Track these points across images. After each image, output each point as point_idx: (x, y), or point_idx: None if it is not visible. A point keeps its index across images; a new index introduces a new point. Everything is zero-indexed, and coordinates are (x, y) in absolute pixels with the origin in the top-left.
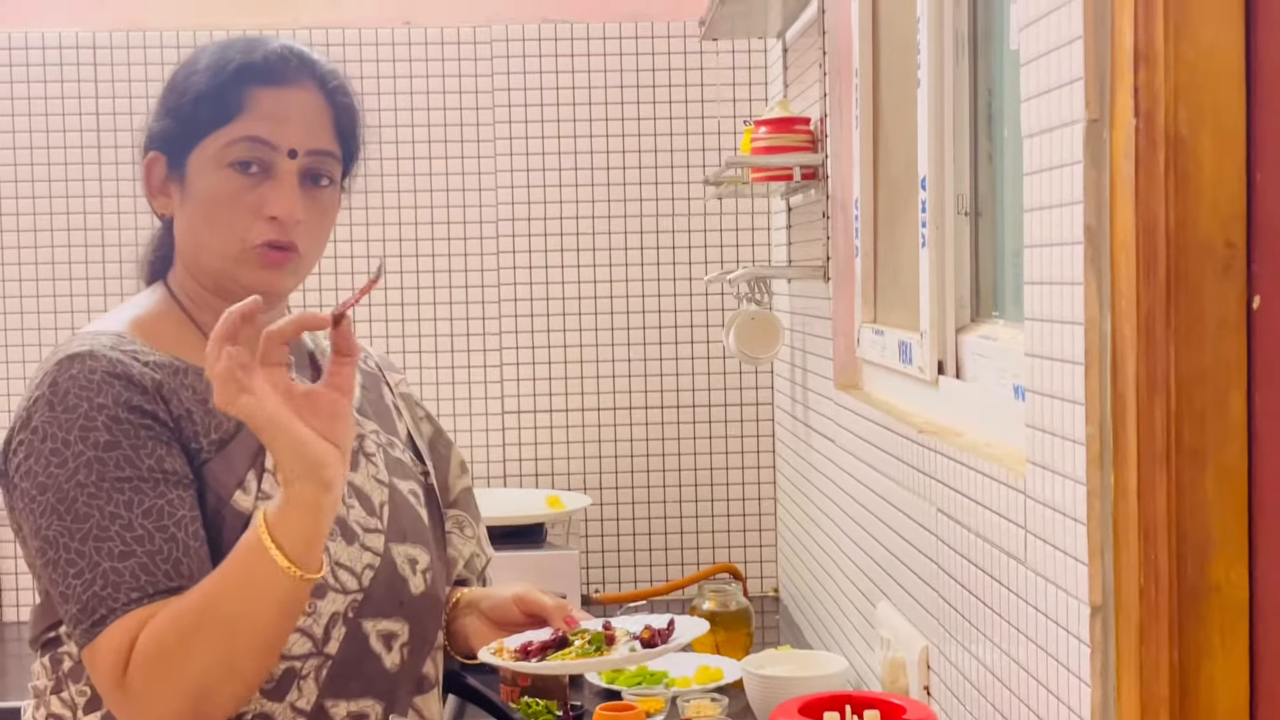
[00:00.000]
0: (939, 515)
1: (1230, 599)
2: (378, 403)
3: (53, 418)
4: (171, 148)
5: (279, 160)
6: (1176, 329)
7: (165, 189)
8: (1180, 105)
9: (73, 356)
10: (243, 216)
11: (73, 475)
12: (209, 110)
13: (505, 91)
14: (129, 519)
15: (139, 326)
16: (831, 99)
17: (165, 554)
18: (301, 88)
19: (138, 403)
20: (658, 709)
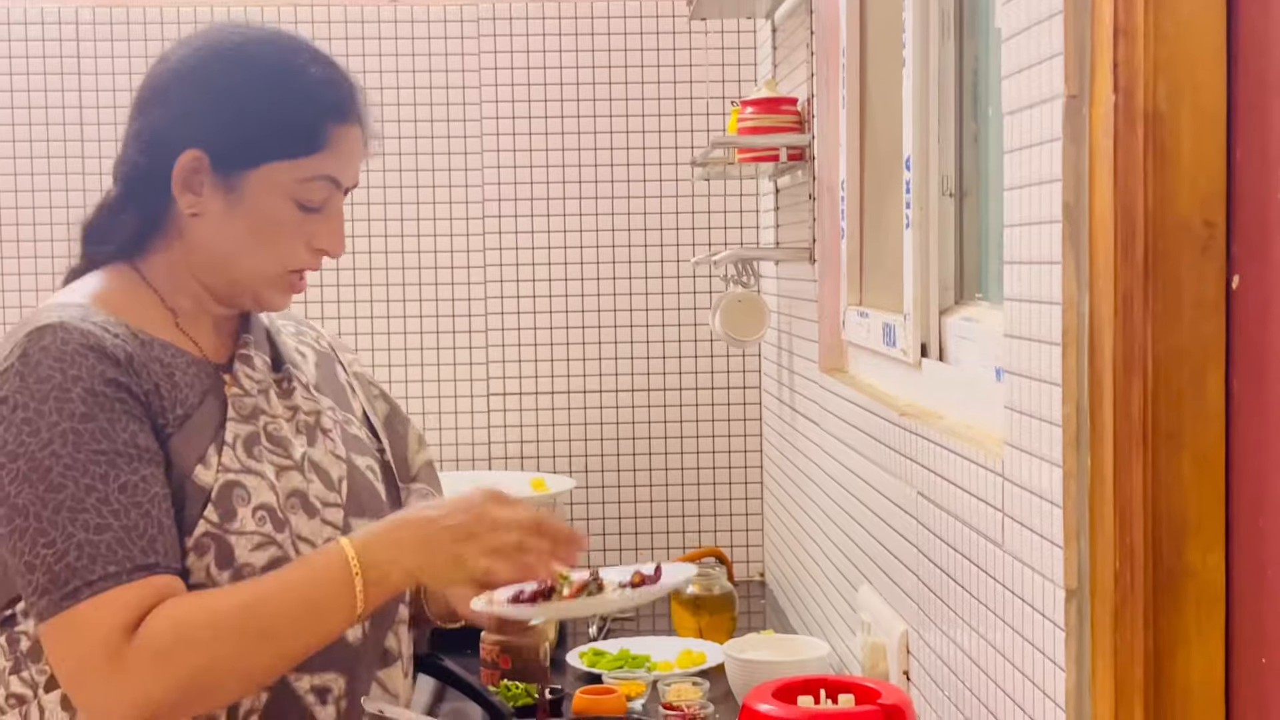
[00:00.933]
0: (919, 499)
1: (1206, 583)
2: (332, 381)
3: (24, 388)
4: (226, 155)
5: (336, 197)
6: (1154, 309)
7: (197, 188)
8: (1160, 81)
9: (43, 328)
10: (292, 245)
11: (47, 445)
12: (289, 139)
13: (492, 70)
14: (105, 492)
15: (102, 300)
16: (819, 79)
17: (140, 530)
18: (358, 127)
19: (112, 375)
20: (639, 692)
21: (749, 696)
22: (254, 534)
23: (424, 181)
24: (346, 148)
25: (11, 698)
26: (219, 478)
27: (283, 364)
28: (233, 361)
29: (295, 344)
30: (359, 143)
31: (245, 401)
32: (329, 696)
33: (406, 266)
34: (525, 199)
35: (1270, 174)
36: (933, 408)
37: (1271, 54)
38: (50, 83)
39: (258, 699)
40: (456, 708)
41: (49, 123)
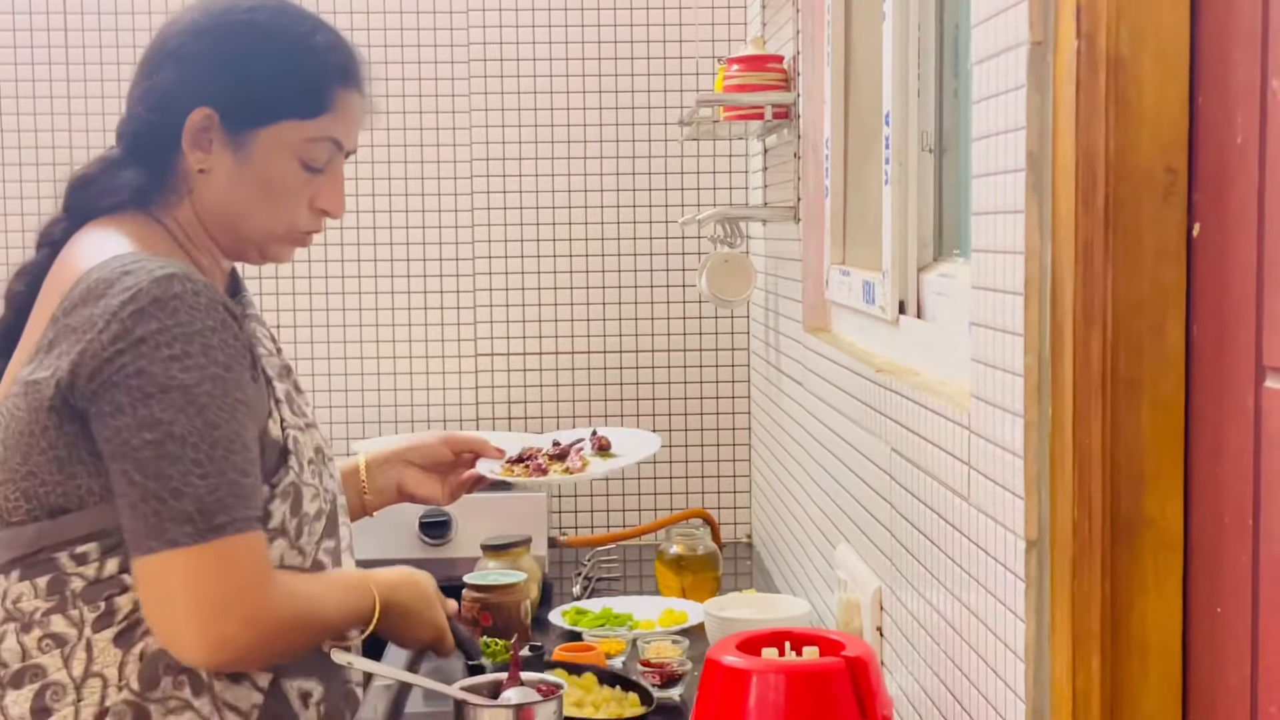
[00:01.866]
0: (893, 455)
1: (1164, 533)
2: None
3: (164, 329)
4: (236, 113)
5: (338, 159)
6: (1114, 257)
7: (207, 145)
8: (1122, 25)
9: (170, 276)
10: (296, 203)
11: (200, 383)
12: (298, 100)
13: (480, 29)
14: (246, 440)
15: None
16: (804, 37)
17: (259, 483)
18: (360, 91)
19: (235, 331)
20: (619, 650)
21: (713, 649)
22: (310, 485)
23: (411, 140)
24: (350, 111)
25: (48, 639)
26: (286, 432)
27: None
28: (244, 320)
29: None
30: (361, 108)
31: (274, 361)
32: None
33: (394, 226)
34: (513, 159)
35: (1231, 120)
36: (910, 364)
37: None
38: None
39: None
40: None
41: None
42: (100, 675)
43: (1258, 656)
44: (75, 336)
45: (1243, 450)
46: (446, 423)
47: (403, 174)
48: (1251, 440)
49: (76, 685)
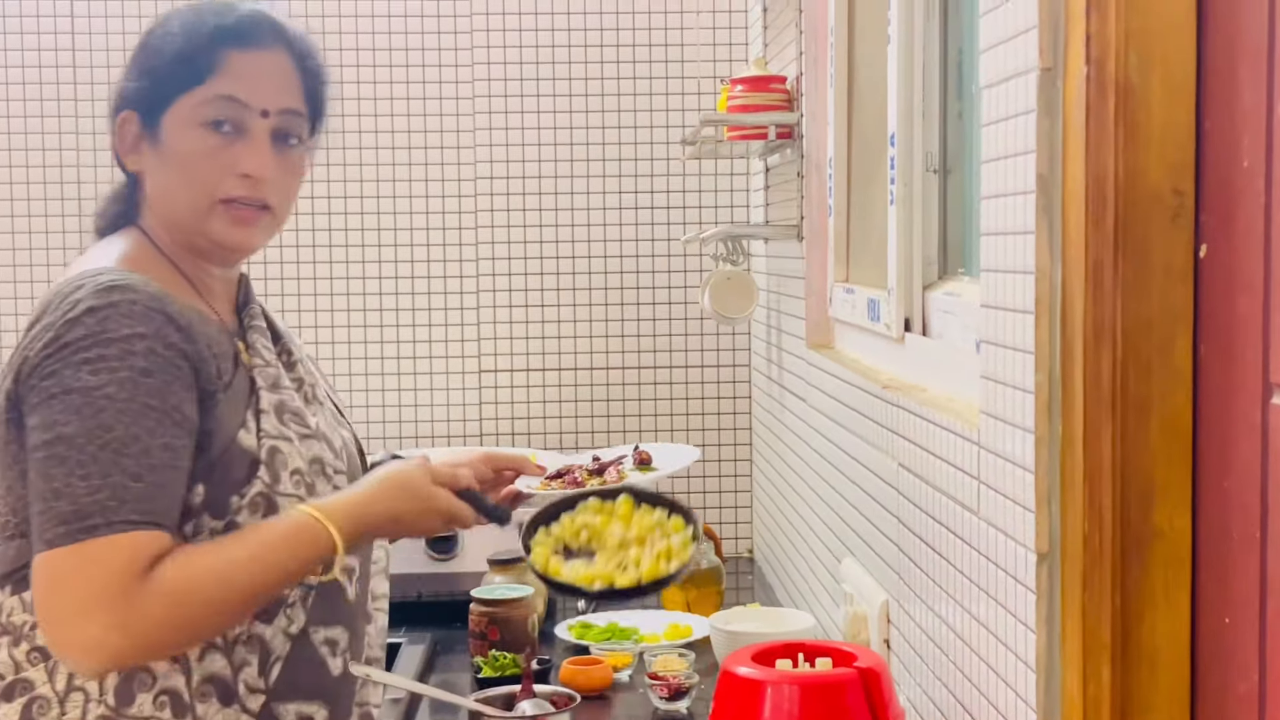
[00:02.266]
0: (900, 470)
1: (1173, 545)
2: (305, 361)
3: (89, 335)
4: (145, 107)
5: (251, 119)
6: (1124, 277)
7: (137, 147)
8: (1131, 52)
9: (111, 286)
10: (215, 173)
11: (103, 386)
12: (184, 70)
13: (485, 49)
14: (149, 445)
15: (134, 265)
16: (807, 58)
17: (167, 490)
18: (273, 50)
19: (174, 340)
20: (626, 663)
21: (728, 660)
22: (292, 496)
23: (416, 159)
24: (250, 69)
25: (35, 652)
26: (262, 443)
27: (281, 337)
28: (245, 331)
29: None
30: (273, 64)
31: (268, 371)
32: (337, 649)
33: (399, 244)
34: (517, 177)
35: (1238, 143)
36: (915, 381)
37: (1239, 25)
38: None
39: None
40: (445, 679)
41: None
42: (82, 689)
43: (1265, 666)
44: (21, 349)
45: (1250, 465)
46: (450, 439)
47: (407, 191)
48: (1259, 455)
49: (60, 699)
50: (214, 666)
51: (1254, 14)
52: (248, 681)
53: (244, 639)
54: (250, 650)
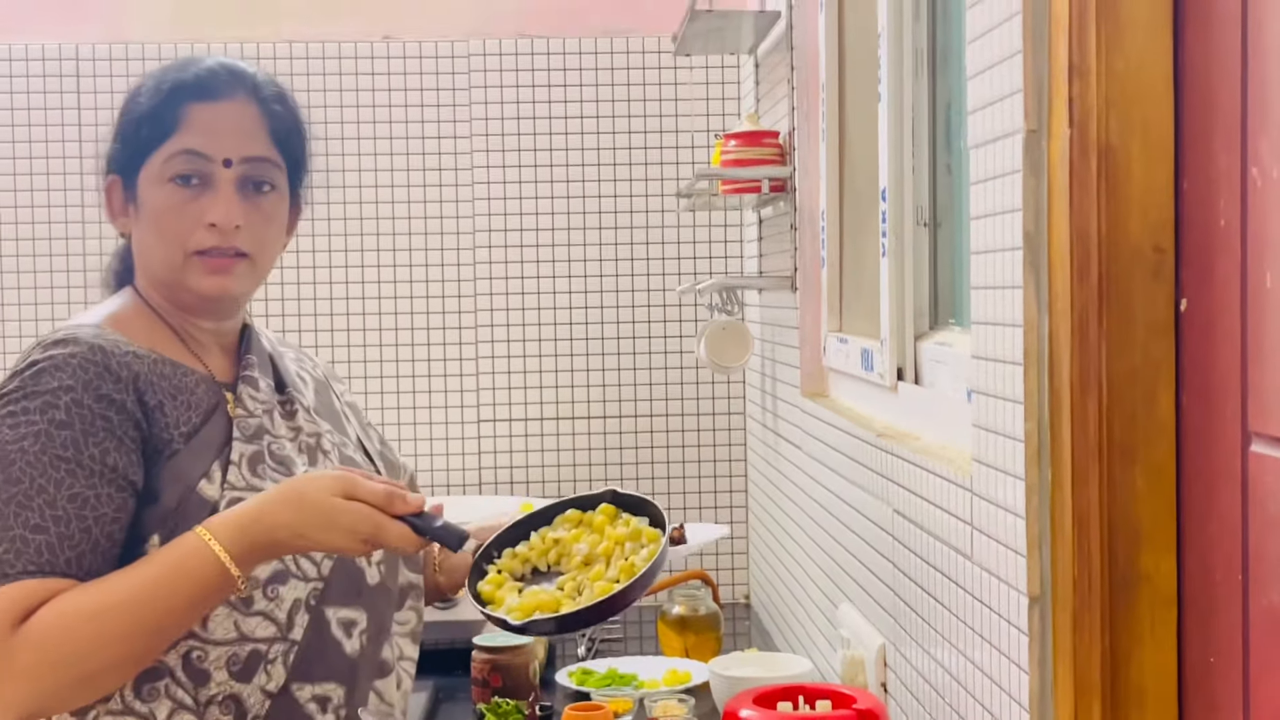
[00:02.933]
0: (895, 516)
1: (1159, 588)
2: (329, 406)
3: (20, 388)
4: (124, 169)
5: (216, 170)
6: (1108, 330)
7: (124, 209)
8: (1111, 116)
9: (56, 340)
10: (184, 226)
11: (19, 440)
12: (150, 129)
13: (483, 104)
14: (54, 496)
15: (115, 321)
16: (799, 113)
17: (74, 541)
18: (234, 100)
19: (106, 391)
20: (626, 709)
21: (730, 703)
22: None
23: (415, 212)
24: (211, 121)
25: None
26: (225, 494)
27: (286, 387)
28: (237, 382)
29: (296, 369)
30: (235, 114)
31: (250, 422)
32: (329, 705)
33: (399, 295)
34: (515, 229)
35: (1215, 202)
36: (908, 429)
37: (1214, 93)
38: (51, 118)
39: (261, 706)
40: None
41: (49, 155)
42: None
43: (1249, 704)
44: None
45: (1231, 510)
46: (450, 487)
47: (407, 245)
48: (1239, 500)
49: None
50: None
51: (1227, 82)
52: None
53: (218, 699)
54: (224, 711)
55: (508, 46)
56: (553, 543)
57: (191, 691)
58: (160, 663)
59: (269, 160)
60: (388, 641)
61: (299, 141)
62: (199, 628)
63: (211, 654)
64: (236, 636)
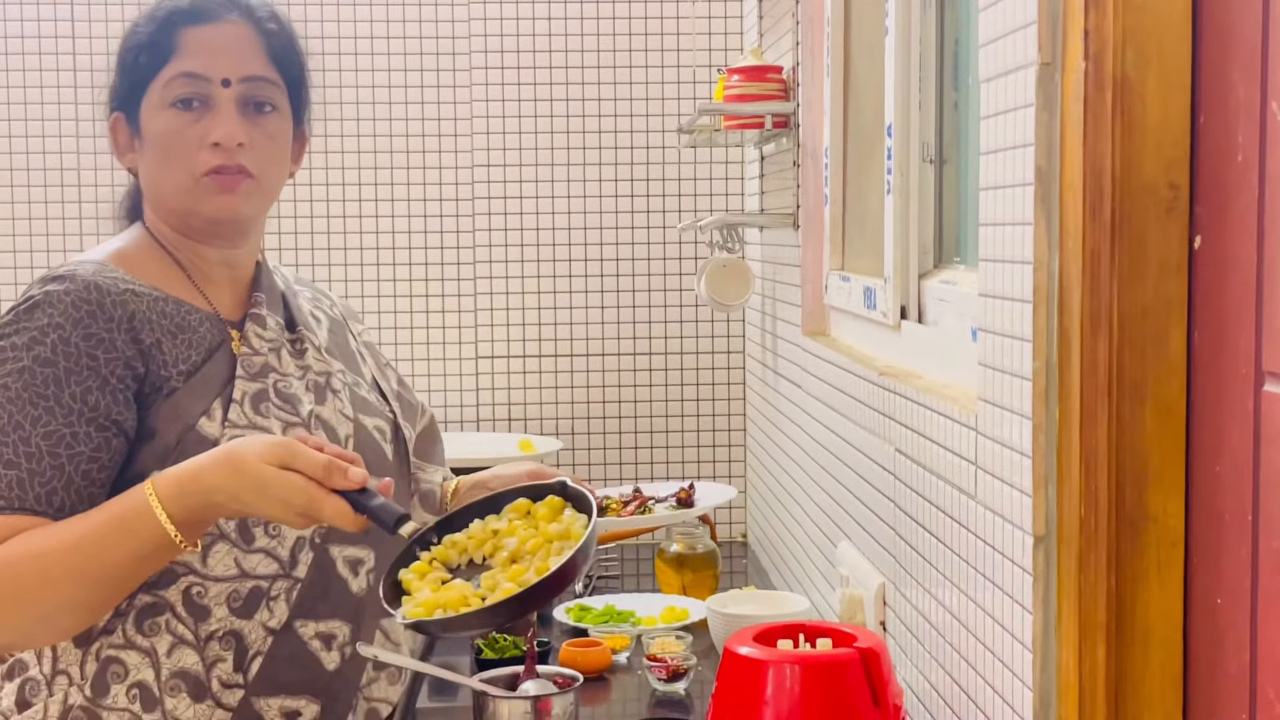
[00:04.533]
0: (897, 455)
1: (1166, 529)
2: (344, 346)
3: (12, 325)
4: (126, 103)
5: (215, 91)
6: (1120, 268)
7: (130, 145)
8: (1128, 48)
9: (55, 277)
10: (189, 149)
11: (2, 377)
12: (148, 58)
13: (482, 38)
14: (29, 433)
15: (120, 257)
16: (803, 48)
17: (45, 478)
18: (229, 22)
19: (95, 330)
20: (624, 645)
21: (730, 640)
22: None
23: (414, 147)
24: (206, 43)
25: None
26: (226, 431)
27: (296, 325)
28: (244, 320)
29: (310, 308)
30: (231, 35)
31: (254, 360)
32: (333, 643)
33: (397, 230)
34: (514, 164)
35: (1232, 138)
36: (911, 368)
37: (1234, 24)
38: (44, 45)
39: (263, 643)
40: (447, 660)
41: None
42: (65, 673)
43: (1256, 645)
44: None
45: (1242, 450)
46: (448, 424)
47: (405, 179)
48: (1251, 441)
49: (48, 681)
50: (185, 662)
51: (1248, 14)
52: (222, 677)
53: (219, 635)
54: (225, 646)
55: None
56: (491, 533)
57: (192, 627)
58: (160, 597)
59: (267, 79)
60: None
61: (296, 60)
62: (198, 563)
63: (211, 590)
64: (237, 573)
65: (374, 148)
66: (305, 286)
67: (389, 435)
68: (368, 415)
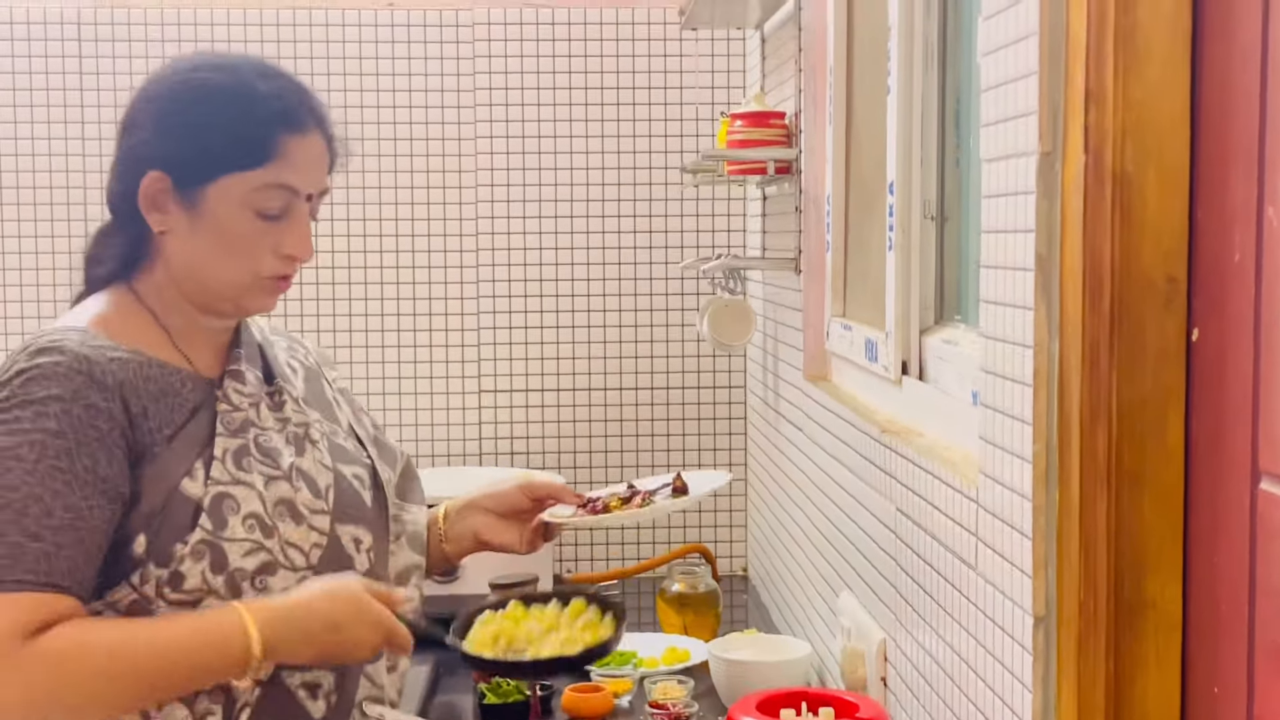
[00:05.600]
0: (898, 514)
1: (1164, 615)
2: (320, 395)
3: (10, 396)
4: (183, 173)
5: (297, 204)
6: (1119, 358)
7: (164, 207)
8: (1128, 144)
9: (41, 349)
10: (260, 253)
11: (14, 448)
12: (240, 151)
13: (486, 75)
14: (51, 506)
15: (103, 323)
16: (806, 95)
17: (70, 553)
18: (315, 134)
19: (94, 400)
20: (626, 689)
21: (734, 709)
22: (245, 540)
23: (418, 183)
24: (301, 155)
25: None
26: (209, 490)
27: (275, 377)
28: (224, 377)
29: (287, 359)
30: (317, 149)
31: (234, 416)
32: (319, 691)
33: (400, 265)
34: (517, 201)
35: (1229, 234)
36: (912, 424)
37: (1231, 126)
38: (52, 81)
39: (250, 695)
40: (449, 702)
41: (50, 120)
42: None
43: None
44: None
45: (1238, 543)
46: (450, 457)
47: (409, 215)
48: (1246, 535)
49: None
50: (175, 716)
51: (1245, 117)
52: None
53: (208, 689)
54: (214, 699)
55: (512, 16)
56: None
57: None
58: None
59: (327, 191)
60: None
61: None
62: None
63: None
64: None
65: (379, 183)
66: (280, 336)
67: (367, 482)
68: (346, 464)
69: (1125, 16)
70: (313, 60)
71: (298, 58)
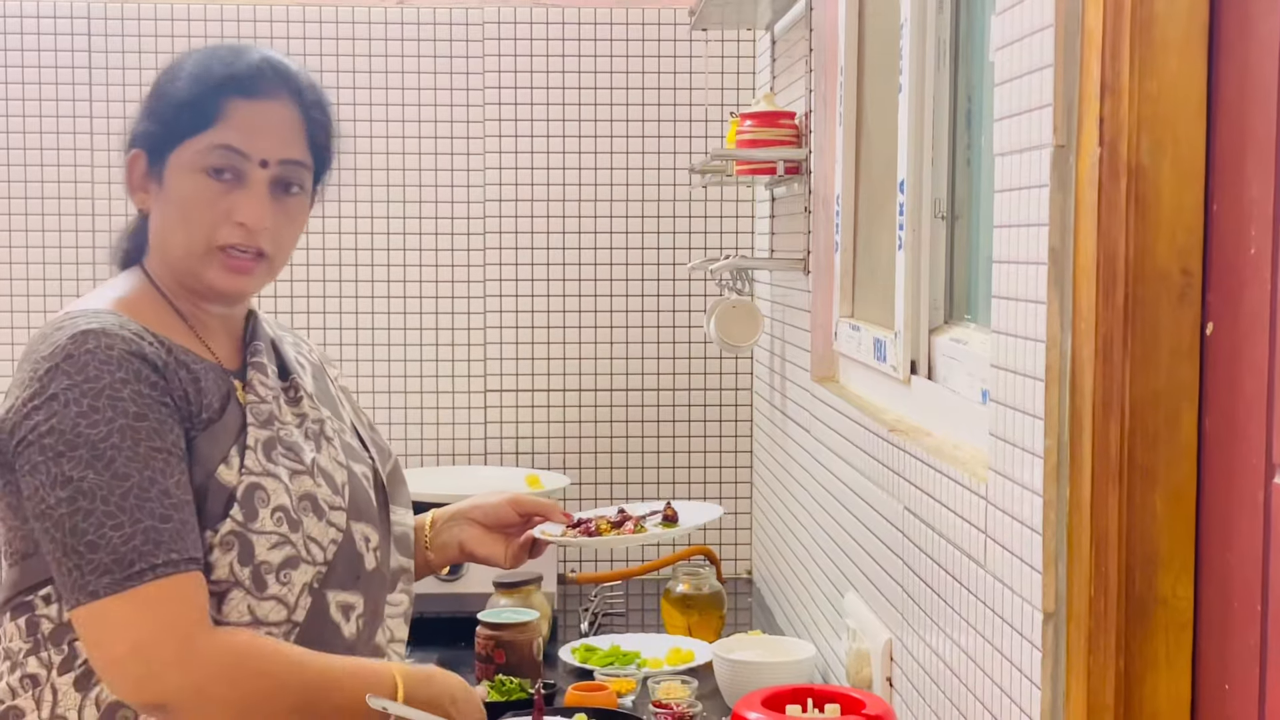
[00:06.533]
0: (906, 513)
1: (1175, 612)
2: (326, 392)
3: (74, 385)
4: (152, 148)
5: (250, 169)
6: (1133, 352)
7: (145, 185)
8: (1143, 136)
9: (86, 332)
10: (212, 219)
11: (107, 437)
12: (188, 116)
13: (496, 74)
14: (165, 486)
15: (126, 305)
16: (816, 95)
17: (190, 525)
18: (278, 100)
19: (154, 380)
20: (629, 689)
21: (739, 705)
22: (272, 533)
23: (426, 181)
24: (251, 119)
25: (26, 679)
26: (242, 479)
27: (289, 373)
28: (245, 369)
29: (295, 355)
30: (277, 115)
31: (262, 408)
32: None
33: (409, 264)
34: (526, 200)
35: (1245, 228)
36: (921, 424)
37: (1248, 115)
38: (61, 76)
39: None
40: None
41: (59, 114)
42: (63, 718)
43: None
44: (10, 392)
45: (1251, 540)
46: (455, 457)
47: (417, 214)
48: (1260, 531)
49: None
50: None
51: (1263, 110)
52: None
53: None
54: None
55: (522, 15)
56: None
57: None
58: None
59: (301, 164)
60: (380, 625)
61: (329, 145)
62: (214, 610)
63: None
64: (250, 620)
65: (387, 181)
66: (286, 332)
67: (372, 481)
68: (356, 462)
69: (1142, 8)
70: (322, 57)
71: (307, 54)
